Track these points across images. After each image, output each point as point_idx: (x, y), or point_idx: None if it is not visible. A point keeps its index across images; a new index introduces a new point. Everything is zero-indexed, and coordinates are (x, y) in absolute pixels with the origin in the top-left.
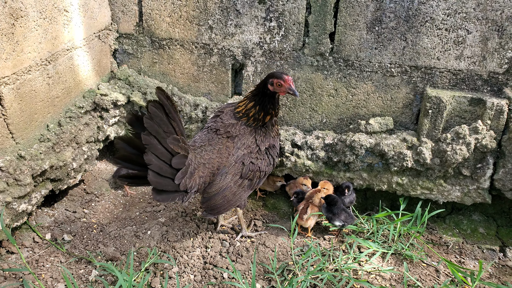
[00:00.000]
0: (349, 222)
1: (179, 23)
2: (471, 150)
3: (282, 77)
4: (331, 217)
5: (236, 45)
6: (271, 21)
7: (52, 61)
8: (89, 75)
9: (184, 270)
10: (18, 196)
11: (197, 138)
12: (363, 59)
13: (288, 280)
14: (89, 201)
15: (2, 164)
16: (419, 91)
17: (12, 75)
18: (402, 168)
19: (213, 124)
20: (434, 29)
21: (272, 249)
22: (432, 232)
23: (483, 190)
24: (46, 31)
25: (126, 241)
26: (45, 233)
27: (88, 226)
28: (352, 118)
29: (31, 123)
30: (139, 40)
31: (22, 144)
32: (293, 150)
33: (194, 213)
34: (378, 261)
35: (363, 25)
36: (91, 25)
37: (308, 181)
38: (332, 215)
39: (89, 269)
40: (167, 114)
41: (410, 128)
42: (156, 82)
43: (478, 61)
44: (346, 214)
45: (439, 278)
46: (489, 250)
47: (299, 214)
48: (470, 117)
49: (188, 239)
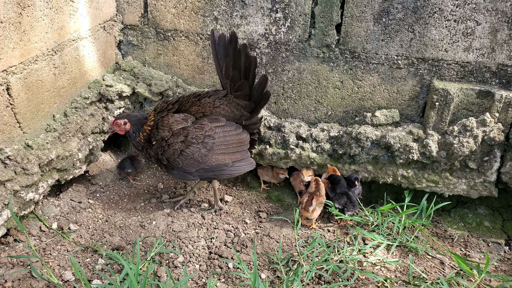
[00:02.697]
0: (349, 208)
1: (184, 14)
2: (478, 143)
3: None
4: (333, 197)
5: (241, 36)
6: (277, 12)
7: (58, 51)
8: (94, 66)
9: (190, 260)
10: (25, 185)
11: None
12: (369, 51)
13: (293, 270)
14: (94, 192)
15: (10, 153)
16: (425, 84)
17: (19, 64)
18: (407, 161)
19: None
20: (443, 20)
21: (277, 240)
22: (437, 225)
23: (490, 183)
24: (52, 21)
25: (131, 231)
26: (52, 223)
27: (94, 216)
28: (358, 110)
29: (37, 113)
30: (144, 32)
31: (29, 134)
32: (298, 143)
33: (199, 204)
34: (383, 253)
35: (370, 16)
36: (97, 15)
37: (311, 172)
38: (334, 195)
39: (95, 258)
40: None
41: (416, 120)
42: (161, 74)
43: (487, 53)
44: (347, 199)
45: (444, 271)
46: (495, 243)
47: (304, 206)
48: (477, 110)
49: (193, 230)
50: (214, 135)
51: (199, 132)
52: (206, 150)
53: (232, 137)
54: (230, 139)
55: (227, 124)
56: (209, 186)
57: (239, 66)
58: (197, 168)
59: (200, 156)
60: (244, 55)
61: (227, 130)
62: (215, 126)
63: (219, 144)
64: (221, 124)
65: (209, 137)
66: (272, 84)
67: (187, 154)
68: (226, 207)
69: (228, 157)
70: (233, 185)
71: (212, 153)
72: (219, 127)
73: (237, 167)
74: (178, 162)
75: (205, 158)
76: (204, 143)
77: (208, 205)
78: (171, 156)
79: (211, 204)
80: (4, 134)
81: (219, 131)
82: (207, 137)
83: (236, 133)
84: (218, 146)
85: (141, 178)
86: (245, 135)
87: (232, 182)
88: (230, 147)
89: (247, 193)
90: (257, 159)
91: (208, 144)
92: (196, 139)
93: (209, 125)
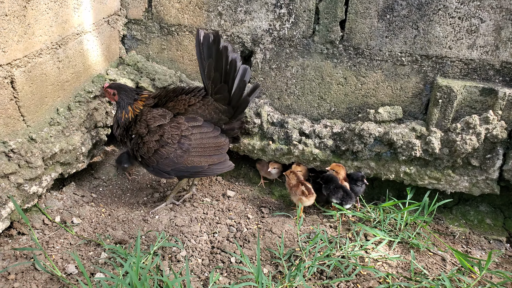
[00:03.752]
0: (347, 201)
1: (188, 9)
2: (481, 140)
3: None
4: (329, 194)
5: (245, 32)
6: (281, 8)
7: (62, 45)
8: (98, 60)
9: (192, 254)
10: (29, 178)
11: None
12: (373, 47)
13: (295, 265)
14: (97, 186)
15: (14, 146)
16: (429, 81)
17: (24, 58)
18: (410, 158)
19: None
20: (447, 17)
21: (279, 236)
22: (439, 222)
23: (492, 180)
24: (56, 15)
25: (134, 225)
26: (55, 216)
27: (97, 210)
28: (361, 107)
29: (41, 106)
30: (148, 26)
31: (33, 127)
32: (301, 139)
33: (201, 199)
34: (385, 249)
35: (375, 13)
36: (101, 10)
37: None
38: (329, 192)
39: (98, 252)
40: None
41: (419, 117)
42: (165, 69)
43: (491, 50)
44: (343, 193)
45: (446, 267)
46: (496, 241)
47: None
48: (480, 107)
49: (196, 224)
50: (191, 136)
51: (175, 131)
52: (182, 152)
53: (209, 140)
54: (207, 142)
55: (205, 125)
56: (211, 182)
57: (220, 68)
58: (172, 167)
59: (175, 156)
60: (225, 57)
61: (204, 132)
62: (192, 126)
63: (195, 146)
64: (198, 124)
65: (185, 137)
66: (276, 80)
67: (162, 154)
68: (228, 202)
69: (204, 159)
70: (236, 180)
71: (188, 154)
72: (196, 127)
73: (213, 170)
74: (152, 161)
75: (181, 159)
76: (180, 144)
77: (210, 199)
78: (145, 154)
79: (213, 197)
80: (8, 127)
81: (196, 132)
82: (183, 138)
83: (213, 136)
84: (195, 148)
85: (144, 173)
86: (224, 139)
87: (234, 177)
88: (206, 150)
89: (250, 188)
90: (259, 154)
91: (184, 145)
92: (172, 139)
93: (185, 125)
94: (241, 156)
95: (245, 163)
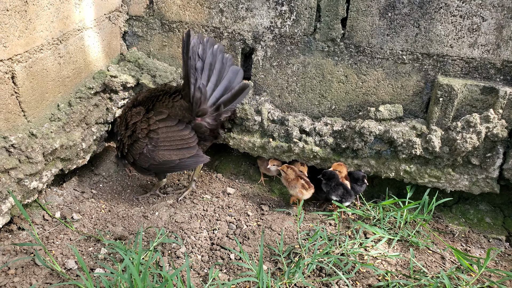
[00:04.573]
0: (347, 198)
1: (190, 6)
2: (481, 139)
3: None
4: (329, 191)
5: (246, 29)
6: (282, 5)
7: (63, 40)
8: (99, 56)
9: (192, 251)
10: (29, 173)
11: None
12: (374, 45)
13: (294, 262)
14: (97, 182)
15: (14, 141)
16: (430, 79)
17: (25, 53)
18: (410, 156)
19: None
20: (449, 15)
21: (279, 233)
22: (438, 221)
23: (492, 179)
24: (58, 10)
25: (134, 221)
26: (55, 212)
27: (97, 206)
28: (362, 105)
29: (42, 102)
30: (149, 23)
31: (33, 123)
32: (301, 136)
33: (201, 196)
34: (384, 247)
35: (376, 11)
36: (102, 6)
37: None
38: (330, 189)
39: (98, 247)
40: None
41: (419, 116)
42: (166, 65)
43: (492, 49)
44: (343, 190)
45: (445, 265)
46: (495, 239)
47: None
48: (481, 106)
49: (196, 221)
50: (158, 130)
51: (144, 126)
52: (152, 146)
53: (174, 133)
54: (172, 135)
55: (169, 118)
56: (212, 179)
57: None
58: (149, 164)
59: (148, 151)
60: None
61: (169, 126)
62: (158, 120)
63: (163, 140)
64: (163, 117)
65: (153, 132)
66: (277, 78)
67: (135, 149)
68: (228, 199)
69: (174, 153)
70: (236, 178)
71: (158, 149)
72: (162, 121)
73: (186, 164)
74: (130, 157)
75: (153, 154)
76: (150, 138)
77: (210, 196)
78: (123, 149)
79: (213, 194)
80: (9, 123)
81: (162, 125)
82: (152, 132)
83: (178, 129)
84: (163, 142)
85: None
86: (188, 132)
87: (235, 175)
88: (173, 143)
89: (250, 185)
90: (260, 152)
91: (153, 140)
92: (141, 134)
93: (153, 119)
94: (242, 154)
95: (245, 160)
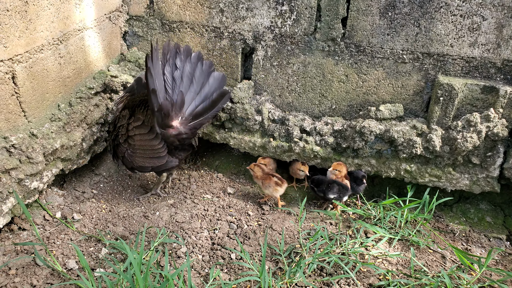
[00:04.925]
0: (344, 193)
1: (190, 5)
2: (481, 138)
3: None
4: (325, 190)
5: (247, 28)
6: (283, 5)
7: (63, 40)
8: (99, 57)
9: (193, 250)
10: (30, 173)
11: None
12: (375, 45)
13: (295, 262)
14: (98, 182)
15: (15, 141)
16: (430, 79)
17: (25, 53)
18: (411, 155)
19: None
20: (449, 15)
21: (279, 232)
22: (439, 220)
23: (492, 178)
24: (58, 10)
25: (135, 221)
26: (55, 212)
27: (97, 206)
28: (362, 104)
29: (42, 102)
30: (150, 23)
31: (34, 123)
32: (302, 136)
33: (202, 196)
34: (385, 246)
35: (376, 10)
36: (102, 6)
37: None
38: (324, 190)
39: (99, 247)
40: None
41: (420, 115)
42: None
43: (493, 48)
44: (338, 187)
45: (446, 264)
46: (496, 238)
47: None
48: (481, 105)
49: (197, 221)
50: (134, 137)
51: (123, 131)
52: (131, 151)
53: (146, 142)
54: (145, 144)
55: (143, 125)
56: (212, 178)
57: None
58: (130, 166)
59: (128, 156)
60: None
61: (143, 133)
62: (135, 127)
63: (138, 148)
64: (138, 124)
65: (131, 138)
66: (277, 77)
67: (119, 151)
68: (228, 199)
69: (147, 161)
70: (237, 177)
71: (135, 155)
72: (137, 127)
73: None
74: (117, 156)
75: (132, 159)
76: (128, 144)
77: (210, 196)
78: (111, 150)
79: (213, 194)
80: (9, 123)
81: (137, 133)
82: (130, 138)
83: (149, 138)
84: (138, 149)
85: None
86: (157, 142)
87: (235, 174)
88: (146, 153)
89: (250, 185)
90: (260, 152)
91: (131, 146)
92: (122, 139)
93: (132, 125)
94: (242, 154)
95: (246, 160)
